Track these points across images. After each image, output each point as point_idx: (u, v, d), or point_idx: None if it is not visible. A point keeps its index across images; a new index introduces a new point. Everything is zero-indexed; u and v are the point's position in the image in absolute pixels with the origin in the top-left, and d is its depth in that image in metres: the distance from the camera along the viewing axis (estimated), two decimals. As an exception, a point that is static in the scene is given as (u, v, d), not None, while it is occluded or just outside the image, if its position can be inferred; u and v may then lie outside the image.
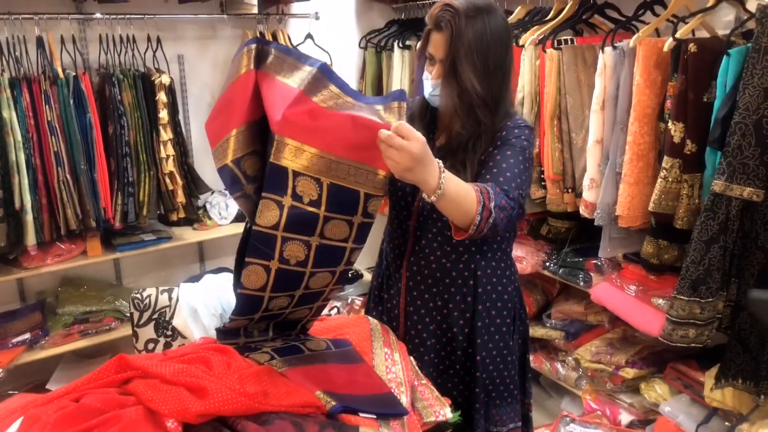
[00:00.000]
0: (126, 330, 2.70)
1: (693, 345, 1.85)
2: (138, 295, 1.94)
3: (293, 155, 1.09)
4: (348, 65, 3.33)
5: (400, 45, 3.00)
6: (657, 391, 2.21)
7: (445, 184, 1.13)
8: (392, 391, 1.24)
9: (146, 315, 1.94)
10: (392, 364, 1.37)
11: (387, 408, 1.19)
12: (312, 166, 1.09)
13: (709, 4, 1.92)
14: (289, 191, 1.10)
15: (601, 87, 2.09)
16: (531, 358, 2.72)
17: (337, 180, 1.11)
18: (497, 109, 1.40)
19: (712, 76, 1.80)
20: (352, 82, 3.39)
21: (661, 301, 2.08)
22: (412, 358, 1.43)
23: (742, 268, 1.80)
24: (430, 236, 1.50)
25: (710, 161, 1.82)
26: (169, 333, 1.94)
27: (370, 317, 1.49)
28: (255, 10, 2.72)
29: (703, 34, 2.02)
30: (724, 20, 2.12)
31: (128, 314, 2.75)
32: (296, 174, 1.09)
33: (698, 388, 2.05)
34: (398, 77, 3.02)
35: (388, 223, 1.63)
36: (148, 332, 1.94)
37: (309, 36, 3.00)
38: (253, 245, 1.13)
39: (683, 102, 1.85)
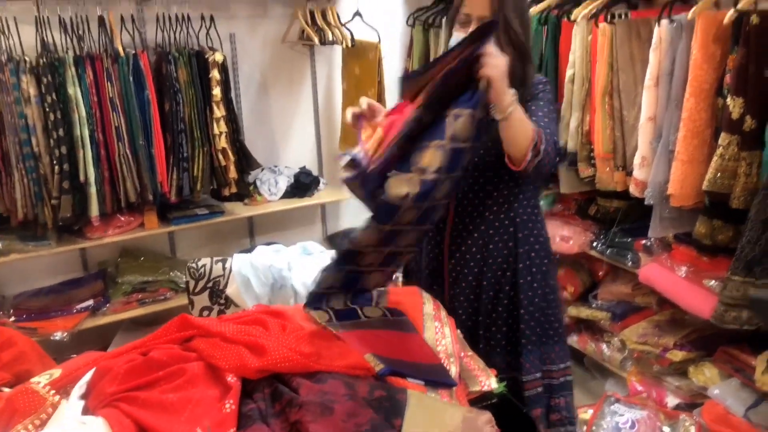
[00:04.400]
0: (180, 300, 2.82)
1: (745, 327, 1.82)
2: (194, 265, 2.03)
3: None
4: (395, 43, 3.33)
5: (449, 22, 2.98)
6: (706, 374, 2.17)
7: (514, 107, 1.35)
8: (442, 362, 1.27)
9: (201, 283, 2.03)
10: (442, 337, 1.40)
11: (436, 377, 1.22)
12: None
13: (775, -26, 1.84)
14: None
15: (655, 62, 2.04)
16: (576, 338, 2.74)
17: None
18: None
19: (775, 50, 1.74)
20: (400, 60, 3.40)
21: (713, 282, 2.04)
22: (459, 332, 1.47)
23: (800, 249, 1.75)
24: (473, 193, 1.61)
25: (771, 138, 1.76)
26: (222, 301, 2.03)
27: (422, 291, 1.52)
28: (305, -12, 2.76)
29: (767, 6, 1.94)
30: (791, -9, 2.02)
31: (182, 285, 2.87)
32: None
33: (749, 372, 2.00)
34: (446, 54, 3.00)
35: None
36: (203, 300, 2.03)
37: (357, 13, 3.01)
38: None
39: (744, 76, 1.79)
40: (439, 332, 1.40)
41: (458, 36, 1.52)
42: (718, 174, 1.86)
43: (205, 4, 2.71)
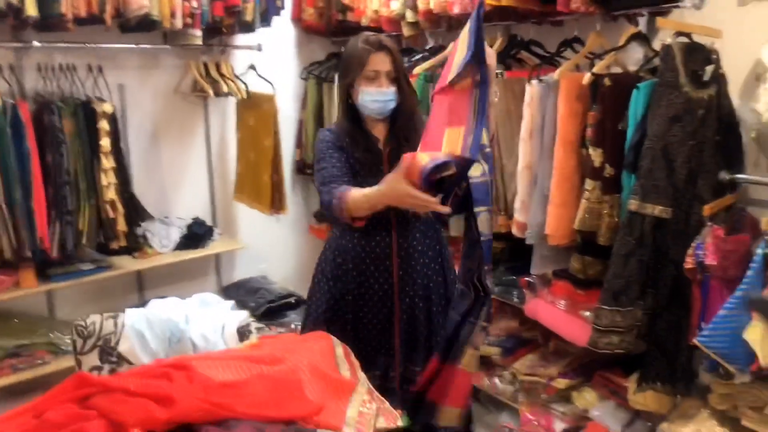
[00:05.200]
0: (61, 363, 2.62)
1: (617, 351, 2.01)
2: (81, 323, 1.92)
3: None
4: (289, 95, 3.42)
5: (341, 77, 3.12)
6: (586, 398, 2.35)
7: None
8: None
9: (90, 342, 1.92)
10: (357, 380, 1.44)
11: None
12: None
13: (620, 43, 2.14)
14: None
15: (528, 117, 2.27)
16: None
17: None
18: None
19: (625, 106, 2.00)
20: (294, 111, 3.48)
21: (587, 313, 2.24)
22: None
23: (657, 279, 1.98)
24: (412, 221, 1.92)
25: (626, 183, 2.00)
26: (114, 359, 1.92)
27: (331, 336, 1.57)
28: (199, 41, 2.77)
29: (617, 69, 2.24)
30: (635, 57, 2.34)
31: (64, 347, 2.68)
32: None
33: (623, 393, 2.20)
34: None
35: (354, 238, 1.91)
36: (91, 359, 1.92)
37: (252, 67, 3.07)
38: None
39: (601, 130, 2.04)
40: (354, 375, 1.45)
41: (369, 91, 1.80)
42: (586, 215, 2.08)
43: (93, 54, 2.65)
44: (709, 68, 1.89)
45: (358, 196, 1.72)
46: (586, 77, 2.08)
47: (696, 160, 1.92)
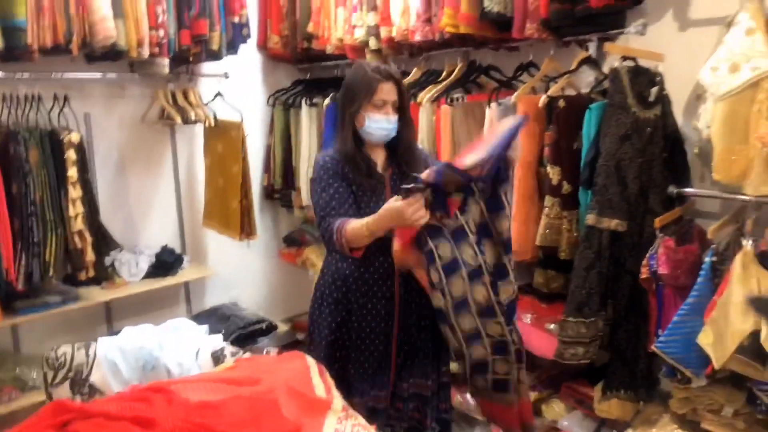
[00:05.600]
0: (29, 399, 2.58)
1: (582, 362, 2.09)
2: (52, 354, 1.92)
3: None
4: (256, 121, 3.47)
5: (308, 103, 3.19)
6: (555, 409, 2.42)
7: None
8: None
9: (61, 374, 1.91)
10: (332, 398, 1.47)
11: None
12: None
13: (572, 67, 2.26)
14: None
15: (489, 138, 2.36)
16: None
17: None
18: None
19: (579, 126, 2.11)
20: (262, 137, 3.53)
21: (552, 326, 2.32)
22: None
23: (615, 290, 2.08)
24: None
25: (583, 199, 2.11)
26: (85, 391, 1.92)
27: (305, 355, 1.60)
28: (166, 70, 2.80)
29: (571, 91, 2.36)
30: (586, 80, 2.47)
31: (31, 383, 2.63)
32: None
33: (590, 403, 2.28)
34: (307, 132, 3.19)
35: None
36: (63, 392, 1.91)
37: (219, 94, 3.11)
38: None
39: (558, 149, 2.15)
40: (329, 392, 1.48)
41: (376, 117, 1.86)
42: (547, 231, 2.17)
43: (58, 84, 2.65)
44: (654, 90, 2.02)
45: (356, 226, 1.76)
46: (542, 99, 2.19)
47: (646, 176, 2.03)
